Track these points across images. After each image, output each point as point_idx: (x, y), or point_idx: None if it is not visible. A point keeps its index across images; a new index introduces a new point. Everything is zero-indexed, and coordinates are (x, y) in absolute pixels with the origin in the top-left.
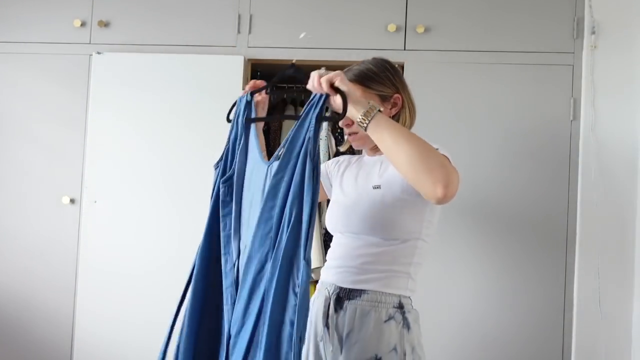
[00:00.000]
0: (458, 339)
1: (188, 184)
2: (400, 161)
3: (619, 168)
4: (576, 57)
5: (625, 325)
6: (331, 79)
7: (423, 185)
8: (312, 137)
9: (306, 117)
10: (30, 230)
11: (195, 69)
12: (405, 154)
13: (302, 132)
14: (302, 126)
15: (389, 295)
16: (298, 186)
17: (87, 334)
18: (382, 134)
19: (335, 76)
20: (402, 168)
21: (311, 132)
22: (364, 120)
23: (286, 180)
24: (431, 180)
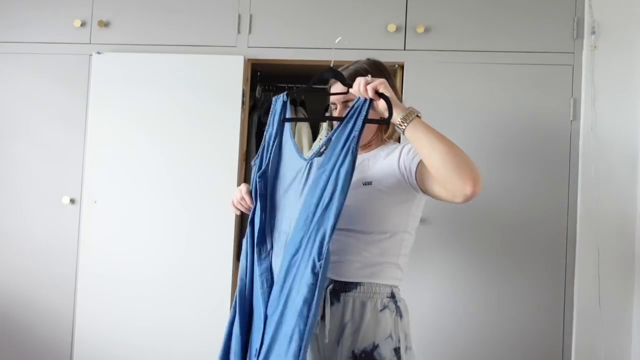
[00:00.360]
0: (458, 339)
1: (188, 183)
2: (435, 161)
3: (619, 168)
4: (576, 57)
5: (626, 326)
6: (376, 87)
7: (454, 183)
8: (356, 136)
9: (351, 118)
10: (30, 231)
11: (195, 69)
12: (439, 155)
13: (346, 131)
14: (346, 126)
15: (382, 286)
16: (335, 178)
17: (87, 334)
18: (419, 136)
19: (380, 84)
20: (435, 167)
21: (356, 132)
22: (403, 123)
23: (327, 173)
24: (462, 179)
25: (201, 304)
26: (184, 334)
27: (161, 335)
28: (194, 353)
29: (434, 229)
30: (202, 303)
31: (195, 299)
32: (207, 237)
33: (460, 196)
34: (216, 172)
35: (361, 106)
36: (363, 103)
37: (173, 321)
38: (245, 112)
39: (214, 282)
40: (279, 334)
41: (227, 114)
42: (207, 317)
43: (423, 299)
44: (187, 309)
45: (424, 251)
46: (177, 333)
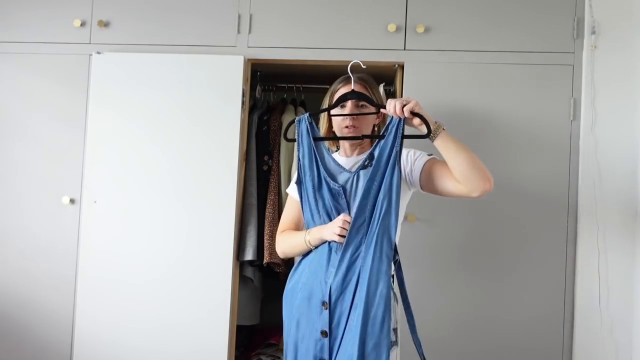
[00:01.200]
0: (458, 339)
1: (188, 183)
2: (460, 164)
3: (619, 168)
4: (576, 57)
5: (626, 326)
6: (412, 108)
7: (476, 181)
8: (398, 151)
9: (390, 135)
10: (30, 231)
11: (195, 69)
12: (464, 159)
13: (388, 147)
14: (387, 143)
15: None
16: (388, 187)
17: (87, 334)
18: (448, 145)
19: (414, 105)
20: (460, 168)
21: (398, 148)
22: (434, 135)
23: (377, 184)
24: (482, 178)
25: (201, 304)
26: (184, 334)
27: (161, 335)
28: (194, 353)
29: (434, 229)
30: (201, 303)
31: (194, 299)
32: (207, 237)
33: (479, 191)
34: (216, 172)
35: (397, 125)
36: (398, 122)
37: (173, 321)
38: (245, 112)
39: (213, 282)
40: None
41: (227, 114)
42: (206, 317)
43: (422, 299)
44: (186, 308)
45: (424, 251)
46: (177, 333)
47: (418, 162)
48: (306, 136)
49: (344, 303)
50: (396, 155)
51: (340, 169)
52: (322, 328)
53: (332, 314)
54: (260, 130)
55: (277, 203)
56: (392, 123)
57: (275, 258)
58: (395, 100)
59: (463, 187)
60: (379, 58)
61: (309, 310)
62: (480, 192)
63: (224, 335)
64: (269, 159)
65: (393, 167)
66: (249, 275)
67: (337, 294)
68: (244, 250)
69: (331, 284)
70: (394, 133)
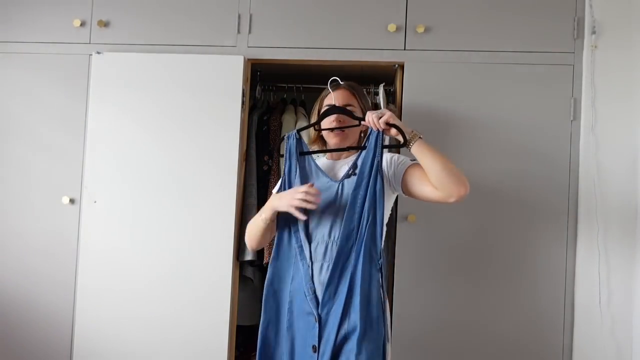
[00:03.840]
0: (458, 339)
1: (188, 183)
2: (436, 170)
3: (619, 168)
4: (576, 57)
5: (626, 326)
6: (386, 120)
7: (452, 186)
8: (379, 161)
9: (370, 146)
10: (30, 231)
11: (195, 69)
12: (440, 166)
13: (369, 158)
14: (368, 154)
15: None
16: (372, 197)
17: (87, 333)
18: (423, 152)
19: (389, 117)
20: (436, 175)
21: (378, 158)
22: (410, 143)
23: (362, 194)
24: (457, 183)
25: (201, 303)
26: (184, 333)
27: (161, 335)
28: (194, 353)
29: (434, 229)
30: (201, 303)
31: (194, 299)
32: (207, 237)
33: (456, 197)
34: (216, 172)
35: (376, 136)
36: (377, 134)
37: (173, 321)
38: (245, 112)
39: (213, 282)
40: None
41: (227, 114)
42: (206, 317)
43: (422, 299)
44: (186, 308)
45: (424, 251)
46: (177, 333)
47: (400, 167)
48: (294, 152)
49: (334, 315)
50: (377, 166)
51: (326, 179)
52: (313, 343)
53: (322, 327)
54: (260, 130)
55: None
56: (372, 134)
57: None
58: (372, 113)
59: (440, 192)
60: (379, 58)
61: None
62: (456, 198)
63: (224, 335)
64: (269, 159)
65: (375, 177)
66: (249, 275)
67: (328, 307)
68: (244, 250)
69: (321, 297)
70: (374, 144)
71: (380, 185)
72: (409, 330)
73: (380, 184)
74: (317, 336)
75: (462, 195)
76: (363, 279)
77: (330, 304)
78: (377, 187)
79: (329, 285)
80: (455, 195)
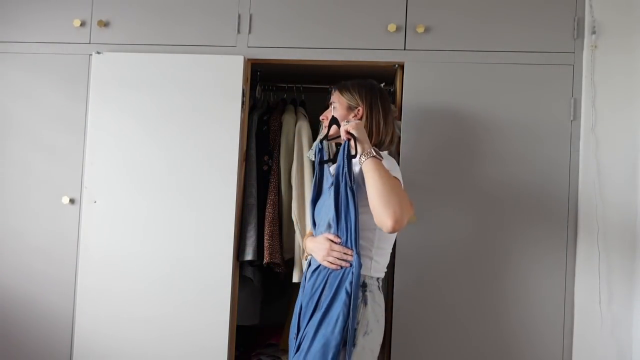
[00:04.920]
0: (457, 339)
1: (188, 183)
2: (371, 195)
3: (619, 168)
4: (576, 57)
5: (626, 326)
6: (347, 129)
7: (380, 215)
8: (347, 170)
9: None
10: (30, 231)
11: (195, 69)
12: (375, 192)
13: (339, 167)
14: (339, 163)
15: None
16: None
17: (87, 333)
18: (367, 173)
19: (349, 126)
20: (371, 200)
21: (346, 167)
22: (361, 159)
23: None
24: (386, 213)
25: (201, 304)
26: (184, 333)
27: (161, 335)
28: (194, 353)
29: (434, 229)
30: (201, 303)
31: (194, 299)
32: (207, 237)
33: (384, 227)
34: (216, 172)
35: (343, 146)
36: (345, 143)
37: (173, 321)
38: (245, 112)
39: (213, 282)
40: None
41: (227, 114)
42: (206, 317)
43: (422, 299)
44: (186, 308)
45: (424, 251)
46: (177, 333)
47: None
48: (317, 160)
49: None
50: (345, 176)
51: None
52: (295, 331)
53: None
54: (260, 130)
55: (277, 203)
56: (342, 145)
57: (275, 258)
58: (342, 123)
59: (374, 217)
60: (379, 58)
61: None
62: (385, 229)
63: (224, 335)
64: (269, 159)
65: (345, 187)
66: (249, 275)
67: (307, 298)
68: (244, 250)
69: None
70: (343, 154)
71: (350, 194)
72: (409, 330)
73: (350, 194)
74: (297, 325)
75: (389, 228)
76: (335, 279)
77: (307, 297)
78: (348, 197)
79: (309, 280)
80: (384, 227)
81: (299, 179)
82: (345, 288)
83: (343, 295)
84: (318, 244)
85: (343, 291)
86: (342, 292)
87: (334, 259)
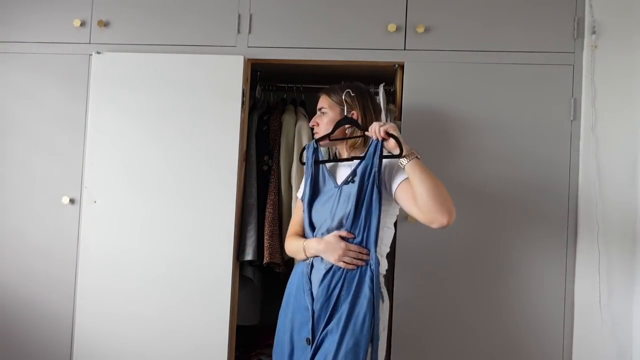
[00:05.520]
0: (457, 339)
1: (188, 183)
2: (423, 194)
3: (619, 168)
4: (576, 57)
5: (626, 326)
6: (387, 130)
7: (435, 213)
8: (377, 170)
9: (369, 156)
10: (30, 231)
11: (195, 69)
12: (427, 190)
13: (368, 167)
14: (367, 163)
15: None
16: (368, 204)
17: (87, 333)
18: (415, 172)
19: (389, 127)
20: (423, 199)
21: (376, 168)
22: (404, 161)
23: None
24: (441, 211)
25: (200, 304)
26: (184, 333)
27: (161, 335)
28: (194, 353)
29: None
30: (201, 303)
31: (194, 299)
32: (207, 237)
33: (437, 224)
34: (216, 172)
35: (375, 146)
36: (376, 144)
37: (173, 321)
38: (245, 112)
39: (213, 282)
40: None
41: (227, 114)
42: (206, 317)
43: (422, 299)
44: (186, 308)
45: (424, 251)
46: (177, 333)
47: (395, 180)
48: (310, 160)
49: (325, 310)
50: (375, 175)
51: (332, 184)
52: (307, 336)
53: (315, 321)
54: (260, 130)
55: (277, 203)
56: (372, 143)
57: (275, 258)
58: (377, 123)
59: (424, 216)
60: (379, 58)
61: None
62: (438, 225)
63: (223, 335)
64: (269, 159)
65: (372, 186)
66: (249, 275)
67: (321, 302)
68: (244, 250)
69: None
70: (372, 154)
71: (376, 194)
72: (409, 330)
73: (376, 193)
74: (311, 330)
75: (445, 224)
76: (358, 281)
77: (322, 300)
78: (373, 196)
79: (321, 283)
80: (437, 223)
81: (298, 179)
82: (367, 286)
83: (367, 293)
84: (329, 244)
85: (365, 290)
86: (365, 291)
87: (351, 259)
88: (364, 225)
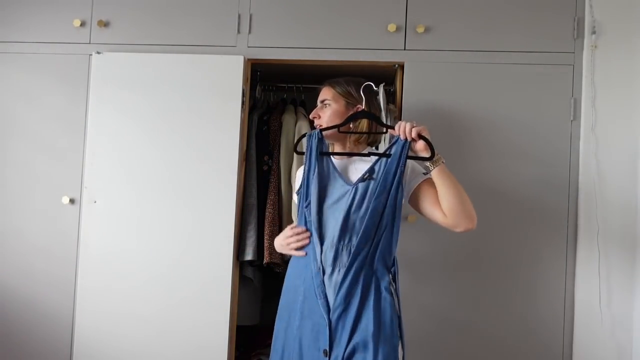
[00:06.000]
0: (458, 339)
1: (188, 183)
2: (451, 199)
3: (619, 168)
4: (576, 57)
5: (626, 326)
6: (420, 131)
7: (462, 218)
8: (403, 170)
9: (396, 155)
10: (30, 231)
11: (195, 69)
12: (455, 196)
13: (394, 167)
14: (393, 162)
15: None
16: (392, 206)
17: (87, 333)
18: (443, 178)
19: (423, 129)
20: (450, 203)
21: (402, 167)
22: (432, 166)
23: (383, 202)
24: (468, 217)
25: (201, 304)
26: (184, 333)
27: (161, 335)
28: (194, 353)
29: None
30: (201, 303)
31: (194, 299)
32: (207, 237)
33: (463, 228)
34: (216, 172)
35: (402, 146)
36: (404, 143)
37: (173, 321)
38: (245, 112)
39: (213, 282)
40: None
41: (227, 114)
42: (206, 317)
43: (422, 299)
44: (186, 308)
45: (424, 251)
46: (177, 333)
47: (414, 179)
48: (314, 151)
49: (346, 320)
50: (401, 175)
51: (341, 182)
52: (324, 347)
53: (333, 331)
54: (260, 130)
55: (277, 203)
56: (397, 143)
57: (275, 258)
58: (406, 122)
59: (449, 220)
60: (379, 58)
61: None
62: (463, 229)
63: (223, 335)
64: (269, 159)
65: (397, 186)
66: (249, 275)
67: (339, 311)
68: (244, 250)
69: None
70: (400, 153)
71: (400, 195)
72: (409, 330)
73: (401, 194)
74: (329, 340)
75: (469, 228)
76: (376, 284)
77: (341, 309)
78: (397, 197)
79: (340, 290)
80: (463, 227)
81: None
82: (385, 289)
83: (386, 297)
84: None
85: (383, 294)
86: (384, 295)
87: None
88: (385, 227)
